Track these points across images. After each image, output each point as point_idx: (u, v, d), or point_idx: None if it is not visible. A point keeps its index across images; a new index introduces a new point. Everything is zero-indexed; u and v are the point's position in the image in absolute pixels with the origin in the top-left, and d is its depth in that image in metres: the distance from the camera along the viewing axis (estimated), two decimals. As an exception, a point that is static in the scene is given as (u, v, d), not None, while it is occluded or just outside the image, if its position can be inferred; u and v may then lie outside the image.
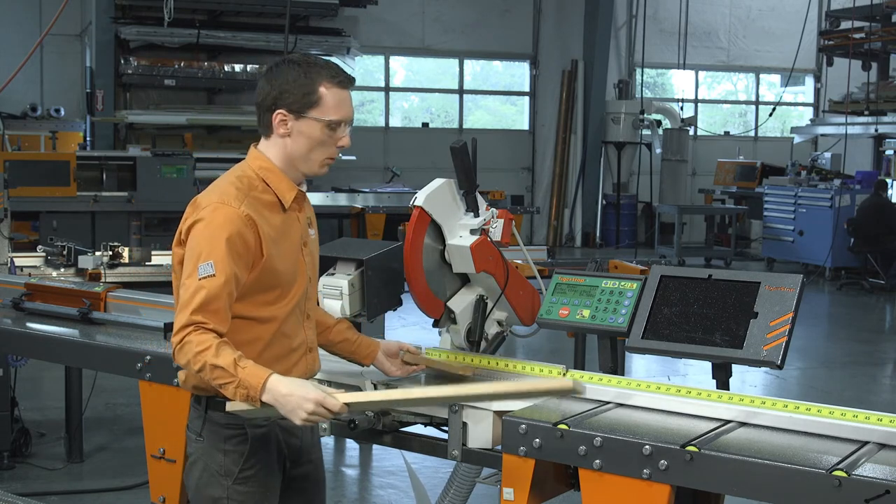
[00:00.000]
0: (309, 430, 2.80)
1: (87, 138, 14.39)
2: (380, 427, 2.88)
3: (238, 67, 15.29)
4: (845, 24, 16.71)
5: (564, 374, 3.05)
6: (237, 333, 2.58)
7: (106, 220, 10.75)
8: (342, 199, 12.70)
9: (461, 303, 3.21)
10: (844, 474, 2.30)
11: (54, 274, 6.06)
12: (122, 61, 14.55)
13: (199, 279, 2.50)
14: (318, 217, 2.91)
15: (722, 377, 3.23)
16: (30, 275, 5.42)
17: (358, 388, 2.99)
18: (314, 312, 2.87)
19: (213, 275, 2.51)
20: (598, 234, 17.81)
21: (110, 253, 6.20)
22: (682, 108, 18.00)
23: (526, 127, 18.39)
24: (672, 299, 3.15)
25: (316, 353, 2.84)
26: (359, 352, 2.99)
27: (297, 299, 2.71)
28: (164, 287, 6.00)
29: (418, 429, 3.01)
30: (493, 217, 3.21)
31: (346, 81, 2.70)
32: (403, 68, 17.98)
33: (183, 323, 2.49)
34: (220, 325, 2.52)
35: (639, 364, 8.15)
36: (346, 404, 2.45)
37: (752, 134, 19.78)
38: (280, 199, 2.68)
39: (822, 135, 17.93)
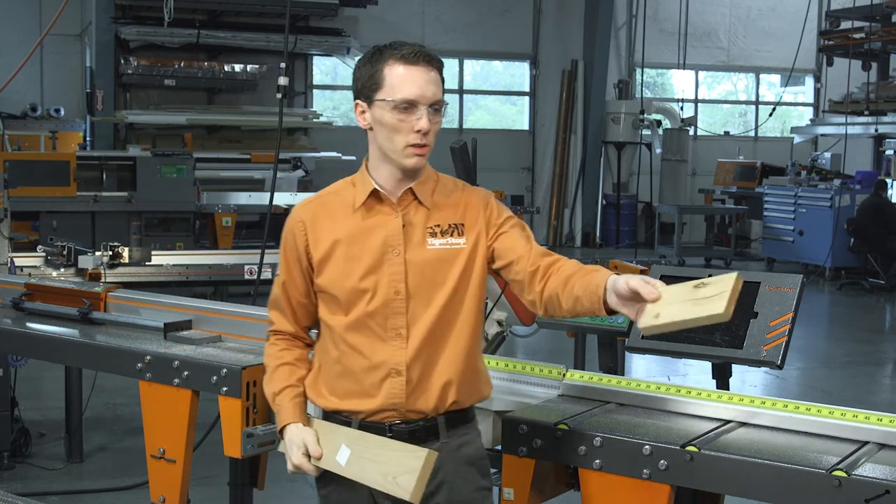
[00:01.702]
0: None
1: (87, 138, 14.39)
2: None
3: (238, 67, 15.29)
4: (845, 24, 16.72)
5: (564, 375, 3.05)
6: (322, 337, 2.56)
7: (106, 220, 10.73)
8: (342, 199, 12.66)
9: (461, 303, 3.20)
10: (844, 474, 2.30)
11: (54, 274, 6.06)
12: (122, 61, 14.55)
13: (275, 277, 2.63)
14: None
15: (722, 377, 3.23)
16: (30, 275, 5.42)
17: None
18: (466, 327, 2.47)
19: (278, 274, 2.59)
20: (598, 234, 17.81)
21: (110, 253, 6.20)
22: (682, 108, 18.00)
23: (526, 127, 18.39)
24: (672, 299, 3.15)
25: (418, 380, 2.43)
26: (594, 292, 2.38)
27: (372, 311, 2.43)
28: (165, 287, 6.04)
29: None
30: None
31: (414, 56, 2.40)
32: (403, 68, 17.96)
33: (266, 335, 2.65)
34: (286, 324, 2.58)
35: (639, 364, 8.15)
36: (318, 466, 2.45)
37: (752, 134, 19.78)
38: (353, 203, 2.49)
39: (822, 135, 17.93)
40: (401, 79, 2.38)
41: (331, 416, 2.52)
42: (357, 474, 2.39)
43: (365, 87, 2.44)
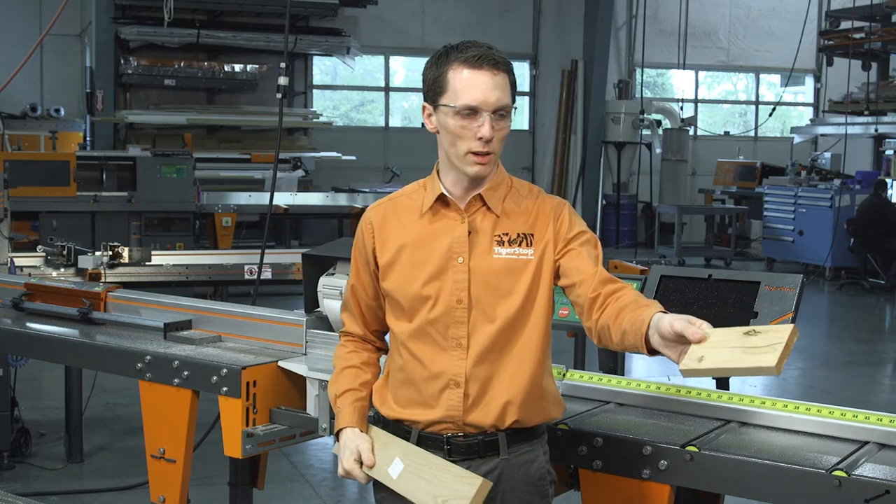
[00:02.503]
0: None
1: (87, 138, 14.39)
2: (380, 426, 2.87)
3: (238, 67, 15.30)
4: (845, 24, 16.71)
5: (564, 375, 3.05)
6: (391, 343, 2.52)
7: (106, 220, 10.73)
8: (342, 199, 12.68)
9: (461, 303, 3.20)
10: (844, 474, 2.30)
11: (54, 274, 6.06)
12: (122, 61, 14.55)
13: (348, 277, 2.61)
14: (317, 217, 2.71)
15: (722, 377, 3.23)
16: (30, 275, 5.42)
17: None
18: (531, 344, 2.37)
19: (348, 275, 2.58)
20: (598, 234, 17.77)
21: (110, 253, 6.19)
22: (682, 108, 17.99)
23: (526, 127, 18.39)
24: (672, 299, 3.16)
25: (477, 395, 2.35)
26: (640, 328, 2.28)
27: (433, 318, 2.36)
28: (165, 287, 6.03)
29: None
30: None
31: (478, 60, 2.31)
32: (403, 68, 17.97)
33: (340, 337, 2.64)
34: (355, 326, 2.57)
35: (639, 364, 8.15)
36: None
37: (752, 134, 19.78)
38: (422, 206, 2.43)
39: (822, 135, 17.93)
40: (464, 84, 2.31)
41: (392, 424, 2.45)
42: (407, 490, 2.33)
43: (430, 90, 2.37)
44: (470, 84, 2.30)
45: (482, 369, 2.35)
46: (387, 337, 2.57)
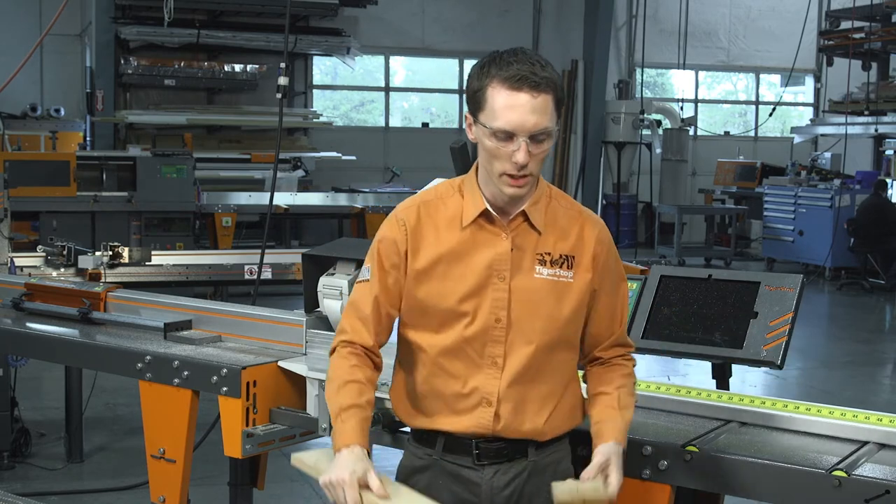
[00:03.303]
0: (500, 493, 2.36)
1: (87, 138, 14.39)
2: (380, 427, 2.87)
3: (238, 67, 15.29)
4: (845, 24, 16.71)
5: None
6: (403, 352, 2.42)
7: (106, 220, 10.74)
8: (342, 199, 12.69)
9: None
10: (844, 474, 2.30)
11: (54, 274, 6.06)
12: (122, 61, 14.55)
13: (357, 282, 2.42)
14: (317, 217, 2.57)
15: (722, 377, 3.23)
16: (30, 275, 5.41)
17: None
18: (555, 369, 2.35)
19: (367, 279, 2.35)
20: (597, 234, 17.79)
21: (110, 253, 6.19)
22: (682, 108, 17.99)
23: (526, 127, 18.37)
24: (672, 299, 3.16)
25: (509, 417, 2.31)
26: (594, 435, 2.39)
27: (469, 336, 2.29)
28: (165, 287, 6.03)
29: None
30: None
31: (518, 81, 2.18)
32: (403, 68, 17.98)
33: (337, 329, 2.41)
34: (365, 336, 2.34)
35: (639, 364, 8.11)
36: None
37: (752, 134, 19.78)
38: (461, 217, 2.31)
39: (822, 135, 17.93)
40: (501, 105, 2.19)
41: (417, 434, 2.42)
42: None
43: (471, 102, 2.26)
44: (507, 106, 2.19)
45: (516, 390, 2.31)
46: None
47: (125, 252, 6.30)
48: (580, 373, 2.77)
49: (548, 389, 2.35)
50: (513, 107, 2.18)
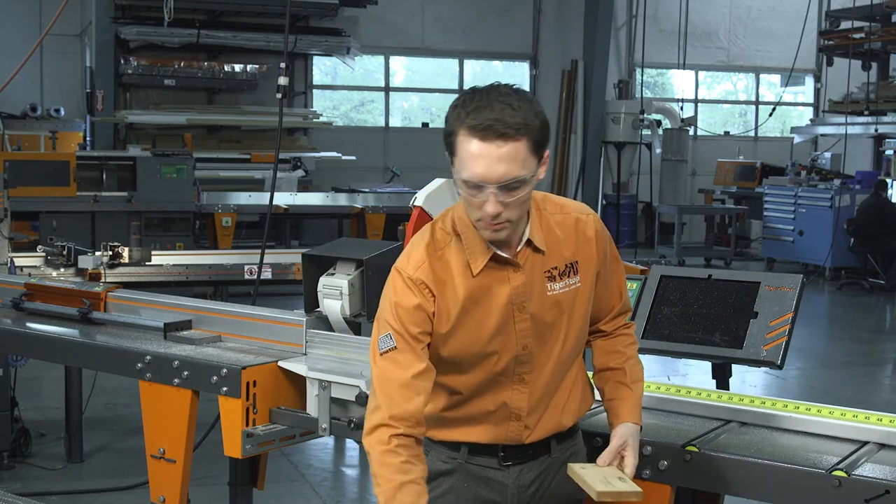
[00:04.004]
0: (525, 491, 2.38)
1: (87, 138, 14.38)
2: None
3: (238, 67, 15.29)
4: (845, 24, 16.71)
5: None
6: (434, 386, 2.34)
7: (106, 220, 10.74)
8: (342, 199, 12.68)
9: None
10: (844, 474, 2.30)
11: (54, 274, 6.06)
12: (122, 61, 14.55)
13: (381, 353, 2.23)
14: (317, 217, 2.46)
15: (722, 377, 3.23)
16: (30, 275, 5.41)
17: None
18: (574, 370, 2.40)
19: (394, 348, 2.22)
20: (597, 234, 17.79)
21: (110, 253, 6.19)
22: (682, 108, 17.99)
23: (526, 127, 18.36)
24: (672, 299, 3.16)
25: (535, 424, 2.34)
26: (609, 412, 2.44)
27: (500, 370, 2.29)
28: (165, 287, 6.03)
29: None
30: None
31: (485, 130, 2.08)
32: (403, 68, 17.98)
33: (375, 423, 2.19)
34: (412, 425, 2.19)
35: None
36: None
37: (752, 134, 19.78)
38: (469, 265, 2.24)
39: (822, 135, 17.93)
40: (468, 155, 2.10)
41: (438, 443, 2.39)
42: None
43: (446, 144, 2.18)
44: (473, 157, 2.10)
45: (542, 401, 2.35)
46: None
47: (125, 252, 6.29)
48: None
49: (568, 390, 2.40)
50: (478, 157, 2.09)
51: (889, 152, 16.17)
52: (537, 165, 2.16)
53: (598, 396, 2.52)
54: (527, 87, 18.25)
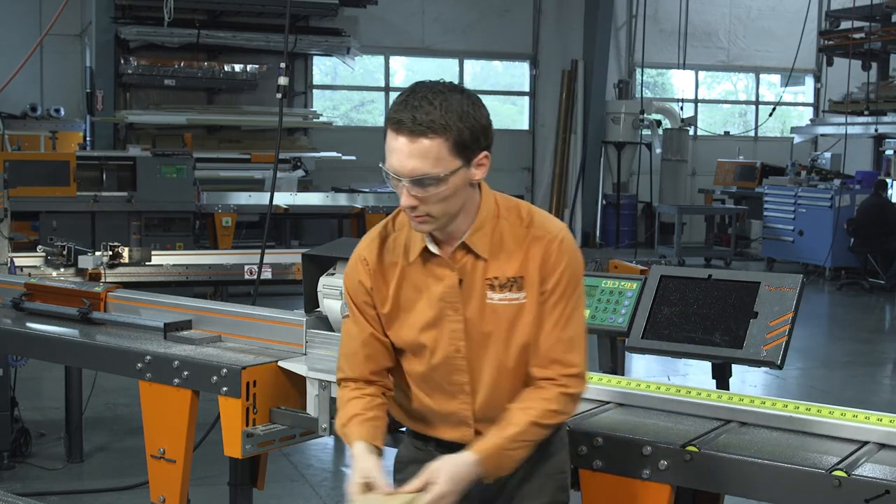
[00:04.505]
0: (492, 484, 2.35)
1: (87, 138, 14.39)
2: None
3: (238, 67, 15.29)
4: (845, 24, 16.71)
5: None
6: (395, 371, 2.45)
7: (106, 220, 10.74)
8: (342, 199, 12.69)
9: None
10: (844, 474, 2.30)
11: (54, 274, 6.06)
12: (122, 61, 14.55)
13: (342, 316, 2.47)
14: (317, 217, 2.51)
15: (722, 377, 3.23)
16: (30, 275, 5.41)
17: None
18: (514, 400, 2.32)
19: (348, 315, 2.42)
20: (598, 234, 17.81)
21: (110, 253, 6.19)
22: (682, 108, 17.99)
23: (526, 127, 18.39)
24: (672, 299, 3.16)
25: (489, 428, 2.30)
26: None
27: (435, 365, 2.33)
28: (165, 287, 6.03)
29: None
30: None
31: (397, 124, 2.16)
32: (403, 68, 17.97)
33: (337, 378, 2.46)
34: (357, 370, 2.38)
35: (639, 364, 8.15)
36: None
37: (752, 134, 19.78)
38: (409, 252, 2.32)
39: (822, 135, 17.93)
40: (388, 147, 2.20)
41: (413, 432, 2.49)
42: None
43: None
44: (390, 149, 2.20)
45: (490, 408, 2.35)
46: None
47: (125, 252, 6.30)
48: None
49: (517, 394, 2.34)
50: (392, 151, 2.19)
51: (889, 152, 16.17)
52: (463, 166, 2.20)
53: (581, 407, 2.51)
54: (527, 87, 18.27)
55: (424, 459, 2.39)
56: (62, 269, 6.13)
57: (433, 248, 2.30)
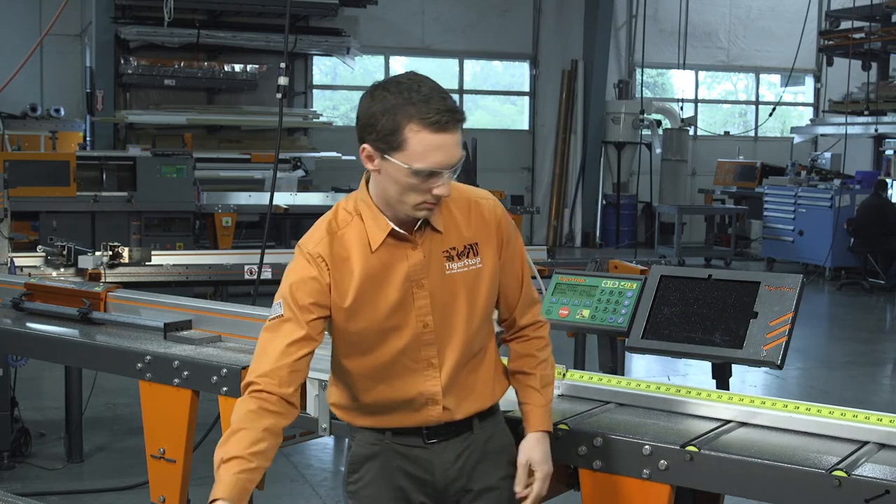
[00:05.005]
0: (451, 466, 2.47)
1: (87, 138, 14.39)
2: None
3: (238, 67, 15.30)
4: (845, 24, 16.71)
5: (564, 375, 3.05)
6: (338, 373, 2.47)
7: (106, 220, 10.74)
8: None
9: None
10: (844, 474, 2.30)
11: (54, 274, 6.06)
12: (122, 61, 14.56)
13: (268, 320, 2.35)
14: (317, 217, 2.58)
15: (722, 377, 3.23)
16: (30, 275, 5.42)
17: None
18: (477, 355, 2.46)
19: (280, 316, 2.32)
20: (597, 234, 17.81)
21: (110, 253, 6.20)
22: (682, 108, 18.00)
23: (526, 127, 18.39)
24: (672, 299, 3.16)
25: (455, 405, 2.42)
26: (522, 416, 2.56)
27: (402, 347, 2.36)
28: (165, 287, 6.03)
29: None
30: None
31: (442, 122, 2.18)
32: (403, 68, 17.97)
33: (243, 384, 2.33)
34: (275, 380, 2.26)
35: (639, 364, 8.15)
36: None
37: (752, 134, 19.78)
38: (369, 242, 2.33)
39: (822, 135, 17.93)
40: (424, 148, 2.19)
41: (361, 429, 2.49)
42: None
43: (378, 139, 2.22)
44: (433, 148, 2.19)
45: (456, 381, 2.43)
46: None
47: (125, 252, 6.30)
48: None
49: (484, 371, 2.49)
50: (439, 147, 2.20)
51: (889, 152, 16.17)
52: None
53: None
54: (527, 87, 18.28)
55: (381, 453, 2.46)
56: (62, 269, 6.13)
57: (399, 229, 2.34)
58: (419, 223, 2.35)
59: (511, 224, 2.49)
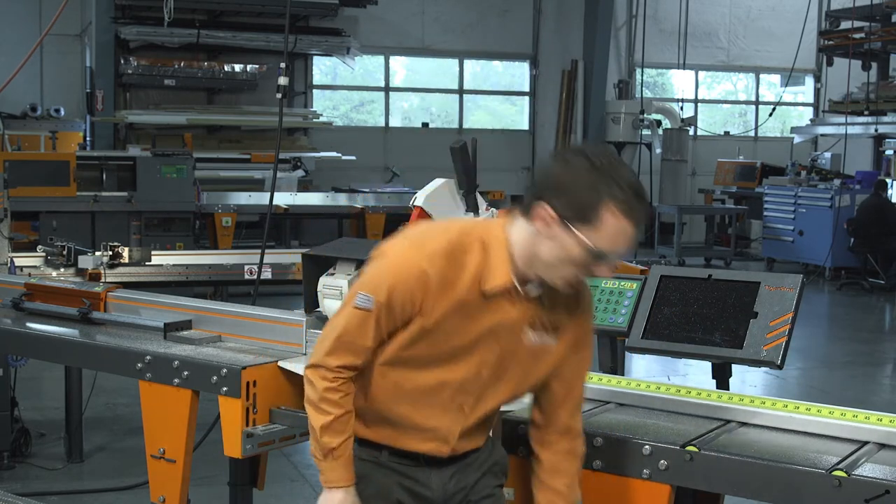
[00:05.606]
0: (449, 482, 2.48)
1: (87, 138, 14.39)
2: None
3: (238, 67, 15.30)
4: (845, 24, 16.72)
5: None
6: (366, 374, 2.39)
7: (106, 220, 10.74)
8: (342, 199, 12.69)
9: (461, 303, 3.19)
10: (844, 474, 2.30)
11: (54, 274, 6.05)
12: (122, 61, 14.56)
13: (354, 307, 2.30)
14: (317, 217, 2.49)
15: (722, 377, 3.23)
16: (30, 275, 5.41)
17: None
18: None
19: (369, 309, 2.28)
20: (597, 234, 17.79)
21: (110, 253, 6.19)
22: (682, 108, 17.99)
23: (526, 127, 18.39)
24: (672, 299, 3.16)
25: (460, 446, 2.44)
26: None
27: (449, 381, 2.34)
28: (165, 287, 6.03)
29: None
30: (492, 217, 3.21)
31: (633, 212, 2.16)
32: (403, 68, 17.98)
33: (325, 349, 2.34)
34: (358, 359, 2.33)
35: (639, 364, 8.15)
36: None
37: (752, 134, 19.78)
38: (481, 278, 2.26)
39: (822, 135, 17.93)
40: (617, 231, 2.17)
41: (361, 442, 2.46)
42: None
43: (568, 207, 2.16)
44: (619, 232, 2.17)
45: (472, 429, 2.44)
46: None
47: (125, 252, 6.29)
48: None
49: (494, 417, 2.53)
50: (625, 235, 2.18)
51: (889, 152, 16.17)
52: None
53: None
54: (527, 88, 18.28)
55: (374, 473, 2.46)
56: (62, 269, 6.12)
57: (518, 286, 2.29)
58: (534, 290, 2.30)
59: (592, 327, 2.53)
